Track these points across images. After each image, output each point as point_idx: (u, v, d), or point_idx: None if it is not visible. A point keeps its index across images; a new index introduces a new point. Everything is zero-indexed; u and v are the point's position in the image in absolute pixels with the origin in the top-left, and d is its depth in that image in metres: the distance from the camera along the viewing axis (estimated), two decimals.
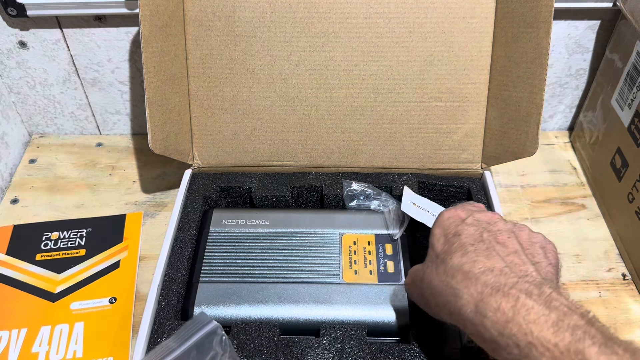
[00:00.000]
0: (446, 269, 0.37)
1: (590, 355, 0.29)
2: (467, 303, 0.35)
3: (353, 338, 0.45)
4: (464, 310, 0.35)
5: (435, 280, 0.38)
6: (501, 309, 0.33)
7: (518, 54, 0.55)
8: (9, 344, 0.52)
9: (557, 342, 0.30)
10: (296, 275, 0.50)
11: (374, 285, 0.49)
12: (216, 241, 0.53)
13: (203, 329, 0.42)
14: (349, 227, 0.54)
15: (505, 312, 0.32)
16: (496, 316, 0.33)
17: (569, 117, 0.77)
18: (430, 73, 0.58)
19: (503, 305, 0.33)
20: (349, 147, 0.60)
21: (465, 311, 0.35)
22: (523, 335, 0.31)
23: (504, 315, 0.32)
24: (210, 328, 0.42)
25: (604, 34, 0.67)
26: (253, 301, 0.48)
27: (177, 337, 0.42)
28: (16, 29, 0.64)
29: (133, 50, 0.67)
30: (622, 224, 0.62)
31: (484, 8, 0.56)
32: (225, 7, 0.56)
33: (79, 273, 0.58)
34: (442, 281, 0.37)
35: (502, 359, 0.33)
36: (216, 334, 0.42)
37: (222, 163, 0.61)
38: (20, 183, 0.69)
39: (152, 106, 0.54)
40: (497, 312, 0.33)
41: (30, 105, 0.73)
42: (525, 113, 0.55)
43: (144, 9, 0.51)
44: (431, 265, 0.39)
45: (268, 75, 0.58)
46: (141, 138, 0.76)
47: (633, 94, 0.59)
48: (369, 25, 0.57)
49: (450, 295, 0.36)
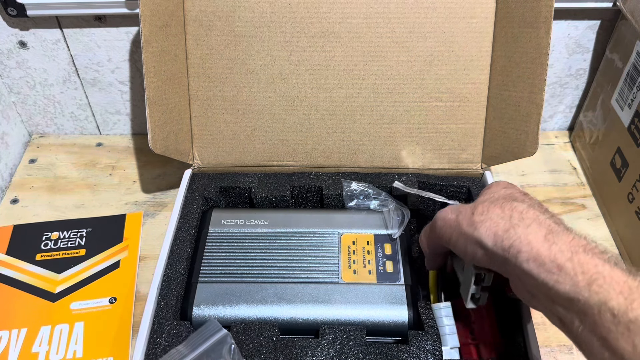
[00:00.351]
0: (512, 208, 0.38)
1: None
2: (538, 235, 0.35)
3: (352, 338, 0.45)
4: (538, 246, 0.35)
5: (496, 210, 0.38)
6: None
7: (518, 54, 0.55)
8: (9, 344, 0.52)
9: (627, 280, 0.31)
10: (295, 275, 0.50)
11: (373, 285, 0.49)
12: (215, 241, 0.53)
13: (213, 337, 0.43)
14: (348, 227, 0.54)
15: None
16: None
17: (569, 117, 0.77)
18: (430, 73, 0.58)
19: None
20: (349, 147, 0.60)
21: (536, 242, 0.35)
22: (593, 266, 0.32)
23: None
24: (220, 336, 0.43)
25: (604, 34, 0.67)
26: (252, 301, 0.48)
27: (188, 343, 0.43)
28: (16, 29, 0.64)
29: (133, 50, 0.67)
30: (622, 224, 0.61)
31: (484, 8, 0.56)
32: (225, 7, 0.56)
33: (79, 273, 0.58)
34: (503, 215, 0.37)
35: (561, 287, 0.33)
36: (226, 342, 0.43)
37: (222, 163, 0.61)
38: (20, 183, 0.69)
39: (152, 106, 0.54)
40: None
41: (30, 105, 0.73)
42: (525, 113, 0.55)
43: (144, 9, 0.51)
44: (489, 201, 0.39)
45: (268, 75, 0.58)
46: (141, 138, 0.76)
47: (633, 94, 0.59)
48: (369, 25, 0.57)
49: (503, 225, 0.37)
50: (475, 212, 0.38)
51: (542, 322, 0.54)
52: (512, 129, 0.57)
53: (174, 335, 0.46)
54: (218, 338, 0.43)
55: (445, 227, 0.41)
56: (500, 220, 0.37)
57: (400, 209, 0.55)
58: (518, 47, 0.55)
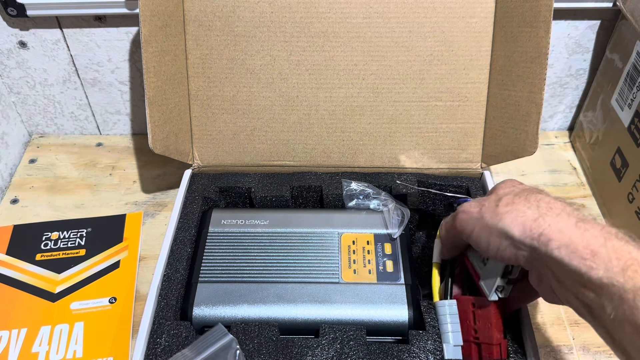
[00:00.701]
0: (539, 204, 0.37)
1: None
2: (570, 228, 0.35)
3: (352, 338, 0.45)
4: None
5: (520, 206, 0.38)
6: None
7: (518, 54, 0.55)
8: (9, 343, 0.52)
9: None
10: (295, 275, 0.50)
11: (373, 284, 0.49)
12: (215, 241, 0.53)
13: (219, 342, 0.43)
14: (348, 227, 0.54)
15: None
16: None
17: (569, 117, 0.77)
18: (430, 73, 0.58)
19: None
20: (349, 147, 0.60)
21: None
22: (627, 252, 0.32)
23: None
24: (226, 342, 0.43)
25: (604, 34, 0.67)
26: (252, 301, 0.48)
27: (193, 347, 0.43)
28: (16, 29, 0.64)
29: (133, 50, 0.67)
30: (622, 224, 0.61)
31: (484, 8, 0.56)
32: (225, 7, 0.56)
33: (79, 273, 0.58)
34: (525, 210, 0.37)
35: (595, 273, 0.32)
36: (231, 347, 0.43)
37: (222, 163, 0.61)
38: (20, 183, 0.69)
39: (152, 106, 0.54)
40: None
41: (30, 105, 0.73)
42: (524, 112, 0.55)
43: (144, 9, 0.52)
44: (513, 195, 0.39)
45: (268, 75, 0.58)
46: (141, 138, 0.76)
47: (633, 94, 0.59)
48: (369, 25, 0.57)
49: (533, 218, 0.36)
50: (499, 204, 0.38)
51: (542, 323, 0.54)
52: (512, 129, 0.57)
53: (174, 335, 0.46)
54: (224, 343, 0.43)
55: (468, 220, 0.41)
56: (528, 210, 0.36)
57: (400, 208, 0.55)
58: (517, 47, 0.55)
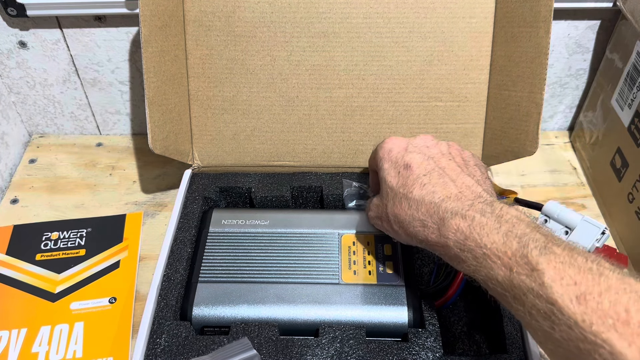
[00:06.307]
0: (410, 203, 0.42)
1: (532, 257, 0.33)
2: (433, 230, 0.40)
3: (352, 337, 0.45)
4: (431, 237, 0.40)
5: (401, 214, 0.43)
6: (460, 229, 0.38)
7: (518, 54, 0.55)
8: (9, 344, 0.52)
9: (505, 250, 0.35)
10: (295, 276, 0.50)
11: (373, 285, 0.49)
12: (216, 241, 0.53)
13: (241, 354, 0.42)
14: (348, 228, 0.54)
15: (464, 231, 0.37)
16: (456, 236, 0.38)
17: (569, 117, 0.77)
18: (430, 73, 0.58)
19: (461, 226, 0.38)
20: (349, 147, 0.60)
21: (432, 237, 0.40)
22: (479, 248, 0.36)
23: (462, 234, 0.37)
24: (249, 355, 0.42)
25: (604, 34, 0.67)
26: (252, 301, 0.48)
27: (215, 355, 0.42)
28: (16, 29, 0.64)
29: (133, 50, 0.67)
30: (622, 224, 0.61)
31: (484, 8, 0.56)
32: (225, 7, 0.56)
33: (79, 273, 0.58)
34: (408, 215, 0.42)
35: (465, 271, 0.38)
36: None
37: (222, 163, 0.61)
38: (20, 183, 0.69)
39: (152, 106, 0.54)
40: (457, 232, 0.38)
41: (30, 105, 0.73)
42: (525, 112, 0.55)
43: (144, 9, 0.51)
44: (393, 200, 0.44)
45: (268, 75, 0.58)
46: (141, 138, 0.76)
47: (633, 94, 0.59)
48: (369, 25, 0.57)
49: (419, 226, 0.41)
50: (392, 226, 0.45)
51: None
52: (512, 129, 0.57)
53: (174, 335, 0.46)
54: (246, 357, 0.42)
55: (386, 231, 0.48)
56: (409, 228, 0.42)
57: None
58: (518, 47, 0.55)
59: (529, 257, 0.33)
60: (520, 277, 0.33)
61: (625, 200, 0.60)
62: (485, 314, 0.51)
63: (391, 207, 0.44)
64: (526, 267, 0.33)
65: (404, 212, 0.42)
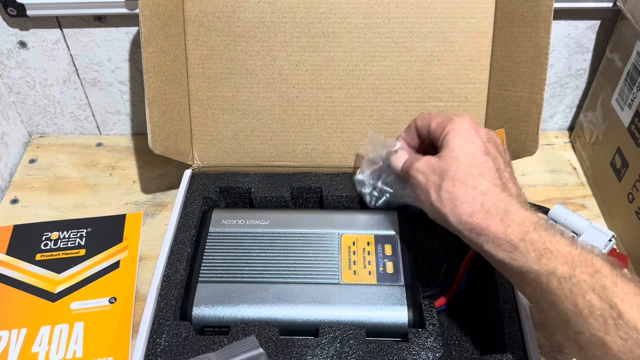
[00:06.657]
0: (479, 182, 0.42)
1: (596, 261, 0.36)
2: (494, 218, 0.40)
3: (352, 337, 0.45)
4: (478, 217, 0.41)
5: (464, 187, 0.42)
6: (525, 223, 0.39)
7: (518, 54, 0.55)
8: (9, 343, 0.52)
9: (570, 250, 0.37)
10: (295, 276, 0.50)
11: (373, 285, 0.49)
12: (215, 241, 0.53)
13: (247, 353, 0.42)
14: (348, 228, 0.54)
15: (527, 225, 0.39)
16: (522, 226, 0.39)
17: (569, 117, 0.77)
18: (430, 73, 0.58)
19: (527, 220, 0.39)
20: (349, 147, 0.60)
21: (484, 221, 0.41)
22: (542, 243, 0.38)
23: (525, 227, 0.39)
24: (255, 354, 0.42)
25: (604, 34, 0.67)
26: (252, 301, 0.48)
27: (220, 353, 0.42)
28: (16, 29, 0.64)
29: (133, 50, 0.67)
30: (622, 224, 0.61)
31: (484, 8, 0.56)
32: (225, 7, 0.56)
33: (79, 273, 0.58)
34: (471, 194, 0.42)
35: (515, 263, 0.39)
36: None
37: (222, 163, 0.61)
38: (20, 183, 0.69)
39: (152, 106, 0.54)
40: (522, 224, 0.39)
41: (30, 105, 0.73)
42: (525, 113, 0.55)
43: (144, 9, 0.51)
44: (467, 169, 0.43)
45: (268, 75, 0.58)
46: (141, 138, 0.76)
47: (633, 94, 0.59)
48: (369, 25, 0.57)
49: (478, 207, 0.41)
50: (442, 186, 0.43)
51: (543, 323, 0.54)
52: (512, 129, 0.57)
53: (174, 335, 0.46)
54: (252, 355, 0.41)
55: (417, 185, 0.46)
56: (464, 204, 0.42)
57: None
58: (518, 47, 0.55)
59: (593, 261, 0.36)
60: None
61: (625, 200, 0.60)
62: (486, 314, 0.51)
63: (457, 171, 0.43)
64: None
65: (470, 187, 0.42)
